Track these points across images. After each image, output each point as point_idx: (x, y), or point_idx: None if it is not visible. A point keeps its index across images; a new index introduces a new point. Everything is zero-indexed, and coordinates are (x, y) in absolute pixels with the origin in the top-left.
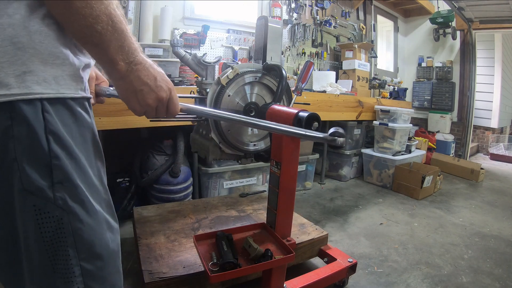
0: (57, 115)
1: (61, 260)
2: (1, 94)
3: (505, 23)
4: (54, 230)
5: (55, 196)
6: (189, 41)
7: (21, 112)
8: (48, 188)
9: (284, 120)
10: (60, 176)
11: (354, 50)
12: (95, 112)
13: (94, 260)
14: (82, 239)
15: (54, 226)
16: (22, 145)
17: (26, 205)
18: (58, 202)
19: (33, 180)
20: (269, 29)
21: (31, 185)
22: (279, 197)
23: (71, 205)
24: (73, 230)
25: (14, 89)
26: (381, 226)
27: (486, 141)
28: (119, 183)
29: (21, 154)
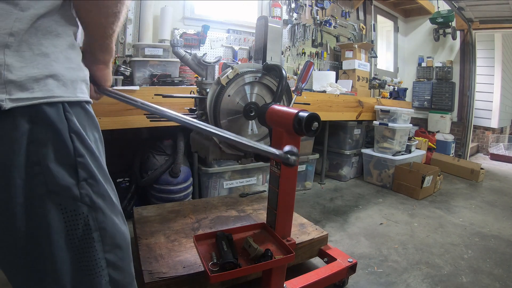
0: (76, 116)
1: (88, 255)
2: (24, 98)
3: (505, 23)
4: (82, 227)
5: (81, 193)
6: (189, 41)
7: (45, 114)
8: (74, 186)
9: (284, 120)
10: (84, 174)
11: (354, 50)
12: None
13: (116, 251)
14: (106, 232)
15: (82, 223)
16: (46, 147)
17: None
18: (84, 199)
19: (59, 180)
20: (269, 29)
21: (57, 185)
22: (279, 197)
23: (95, 201)
24: (98, 224)
25: (37, 92)
26: (381, 226)
27: (486, 141)
28: (119, 183)
29: (45, 156)
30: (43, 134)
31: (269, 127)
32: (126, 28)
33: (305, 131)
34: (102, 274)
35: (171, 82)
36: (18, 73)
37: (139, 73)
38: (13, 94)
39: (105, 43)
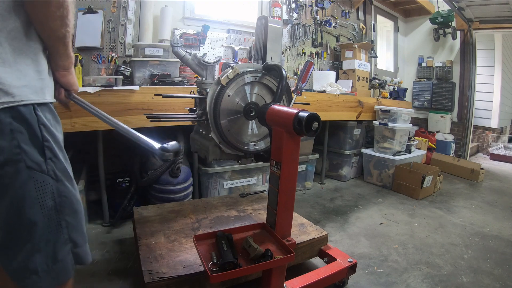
0: (43, 113)
1: (53, 217)
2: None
3: (505, 23)
4: (49, 195)
5: (47, 168)
6: (189, 41)
7: (21, 112)
8: (43, 163)
9: (284, 120)
10: (50, 154)
11: (354, 50)
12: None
13: (74, 215)
14: (66, 199)
15: (49, 191)
16: (22, 134)
17: (28, 178)
18: (50, 172)
19: (33, 158)
20: (269, 29)
21: (32, 162)
22: (279, 197)
23: (58, 174)
24: (60, 193)
25: (16, 96)
26: (381, 226)
27: (486, 141)
28: (119, 183)
29: (23, 141)
30: (20, 126)
31: (269, 127)
32: (126, 28)
33: (305, 131)
34: (63, 232)
35: (171, 82)
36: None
37: (139, 73)
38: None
39: (59, 48)
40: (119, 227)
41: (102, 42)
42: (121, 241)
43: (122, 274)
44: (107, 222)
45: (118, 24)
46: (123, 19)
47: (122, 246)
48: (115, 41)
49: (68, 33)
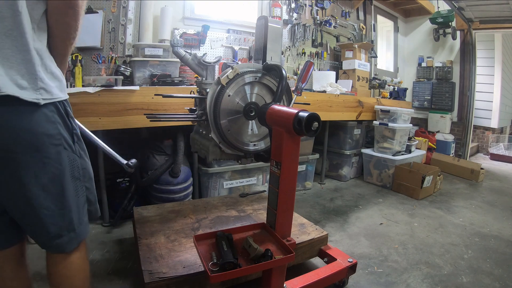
0: (68, 107)
1: (79, 183)
2: (49, 98)
3: (505, 23)
4: (76, 167)
5: (75, 149)
6: (189, 41)
7: (57, 106)
8: (73, 145)
9: (284, 120)
10: (76, 138)
11: (354, 50)
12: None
13: (90, 181)
14: (86, 171)
15: (76, 165)
16: (60, 124)
17: (65, 156)
18: (76, 152)
19: (68, 142)
20: (269, 29)
21: (67, 145)
22: (279, 197)
23: (81, 153)
24: (82, 166)
25: (54, 94)
26: (381, 226)
27: (486, 141)
28: (119, 183)
29: (60, 129)
30: (57, 118)
31: (269, 127)
32: (126, 28)
33: (305, 131)
34: (83, 194)
35: (171, 82)
36: (46, 83)
37: (139, 73)
38: (44, 95)
39: (64, 59)
40: (119, 227)
41: (102, 42)
42: (121, 241)
43: (122, 274)
44: (107, 222)
45: (118, 24)
46: (123, 19)
47: (122, 246)
48: (115, 41)
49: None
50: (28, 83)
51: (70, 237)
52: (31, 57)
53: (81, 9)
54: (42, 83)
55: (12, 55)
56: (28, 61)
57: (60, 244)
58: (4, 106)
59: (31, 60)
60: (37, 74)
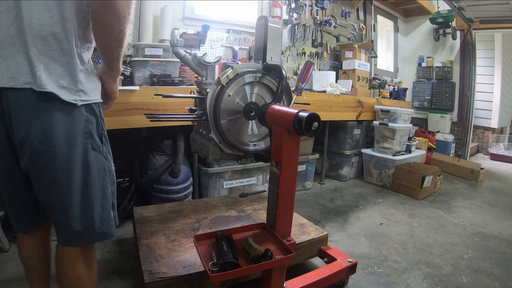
0: (101, 109)
1: (106, 186)
2: (86, 99)
3: (505, 23)
4: (103, 168)
5: (103, 150)
6: (189, 41)
7: (93, 108)
8: (101, 146)
9: (284, 120)
10: (104, 140)
11: (354, 50)
12: None
13: (114, 185)
14: (111, 173)
15: (102, 166)
16: (93, 125)
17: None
18: (103, 154)
19: (97, 142)
20: (269, 29)
21: (95, 145)
22: (279, 197)
23: (107, 155)
24: (108, 168)
25: (90, 96)
26: (381, 226)
27: (486, 141)
28: (119, 183)
29: (92, 129)
30: (91, 118)
31: (269, 127)
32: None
33: (305, 131)
34: (110, 197)
35: (171, 82)
36: (85, 86)
37: (139, 73)
38: (82, 97)
39: (112, 63)
40: (119, 227)
41: None
42: (121, 241)
43: (122, 274)
44: None
45: None
46: None
47: (122, 246)
48: None
49: (122, 53)
50: (68, 84)
51: (87, 235)
52: (74, 61)
53: (123, 9)
54: (82, 86)
55: (58, 57)
56: (71, 64)
57: (76, 239)
58: (46, 102)
59: (73, 63)
60: (77, 77)
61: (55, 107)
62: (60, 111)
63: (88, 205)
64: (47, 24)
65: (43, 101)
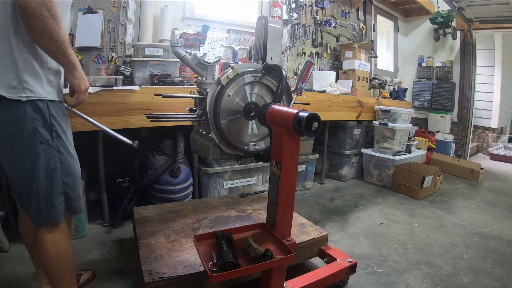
0: (53, 108)
1: (55, 175)
2: (30, 96)
3: (505, 23)
4: (53, 161)
5: (53, 143)
6: (189, 41)
7: (37, 105)
8: (51, 140)
9: (284, 120)
10: (55, 135)
11: (354, 50)
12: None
13: (68, 177)
14: (64, 165)
15: (53, 158)
16: (39, 121)
17: (40, 149)
18: (55, 147)
19: (45, 136)
20: (269, 29)
21: (43, 139)
22: (279, 197)
23: (60, 149)
24: (60, 160)
25: (35, 93)
26: (381, 226)
27: (486, 141)
28: (119, 183)
29: (39, 125)
30: (37, 115)
31: (269, 127)
32: (126, 28)
33: (305, 131)
34: (60, 187)
35: (171, 82)
36: (30, 85)
37: (139, 73)
38: (26, 94)
39: (57, 58)
40: (119, 227)
41: (102, 42)
42: (121, 241)
43: (122, 274)
44: (107, 222)
45: (118, 24)
46: (123, 19)
47: (122, 246)
48: (115, 41)
49: (60, 46)
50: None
51: (38, 216)
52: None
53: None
54: (26, 85)
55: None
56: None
57: (32, 219)
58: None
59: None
60: (22, 78)
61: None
62: (7, 109)
63: (35, 192)
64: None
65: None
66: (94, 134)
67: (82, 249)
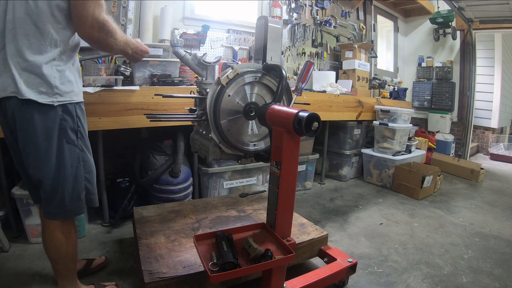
0: (78, 109)
1: (78, 172)
2: (61, 100)
3: (505, 23)
4: (76, 158)
5: (78, 143)
6: (189, 41)
7: (68, 108)
8: (76, 140)
9: (284, 120)
10: (79, 135)
11: (354, 50)
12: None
13: (89, 173)
14: (85, 163)
15: (76, 156)
16: (67, 122)
17: (66, 148)
18: (79, 146)
19: (71, 137)
20: (269, 29)
21: (70, 139)
22: (279, 197)
23: (83, 148)
24: (83, 159)
25: (65, 98)
26: (381, 226)
27: (486, 141)
28: (119, 183)
29: (67, 126)
30: (67, 116)
31: (269, 127)
32: (126, 28)
33: (305, 131)
34: (83, 183)
35: (171, 82)
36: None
37: (139, 73)
38: (57, 98)
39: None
40: (119, 227)
41: None
42: (121, 241)
43: (122, 274)
44: (107, 222)
45: (118, 24)
46: (123, 19)
47: (122, 246)
48: None
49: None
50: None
51: (60, 209)
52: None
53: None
54: (57, 90)
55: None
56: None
57: (50, 213)
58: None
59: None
60: (52, 83)
61: (35, 109)
62: (39, 112)
63: (61, 187)
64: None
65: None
66: (94, 134)
67: (82, 249)
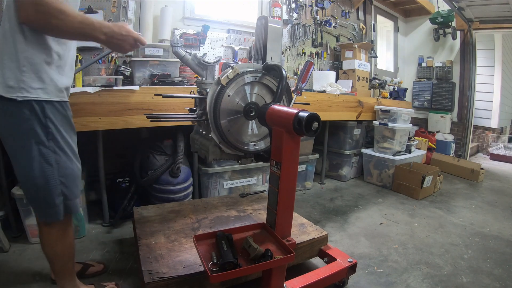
0: (50, 109)
1: (51, 176)
2: (27, 96)
3: (505, 23)
4: (49, 162)
5: (49, 145)
6: (189, 41)
7: (33, 106)
8: (46, 141)
9: (284, 120)
10: (51, 136)
11: (354, 50)
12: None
13: (66, 177)
14: (59, 165)
15: (49, 160)
16: (34, 122)
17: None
18: (50, 148)
19: (40, 137)
20: (269, 29)
21: (39, 140)
22: (279, 197)
23: (56, 149)
24: (56, 161)
25: (32, 94)
26: (381, 226)
27: (486, 141)
28: (119, 183)
29: (34, 125)
30: (33, 115)
31: (269, 127)
32: None
33: (305, 131)
34: (57, 187)
35: (171, 82)
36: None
37: (139, 73)
38: (22, 93)
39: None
40: (119, 227)
41: None
42: (121, 241)
43: (122, 274)
44: (107, 222)
45: None
46: (123, 19)
47: (122, 246)
48: None
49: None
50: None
51: (40, 213)
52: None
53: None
54: (23, 84)
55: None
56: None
57: (37, 215)
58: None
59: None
60: (20, 77)
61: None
62: (4, 109)
63: (33, 191)
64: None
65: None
66: (94, 134)
67: (82, 249)
